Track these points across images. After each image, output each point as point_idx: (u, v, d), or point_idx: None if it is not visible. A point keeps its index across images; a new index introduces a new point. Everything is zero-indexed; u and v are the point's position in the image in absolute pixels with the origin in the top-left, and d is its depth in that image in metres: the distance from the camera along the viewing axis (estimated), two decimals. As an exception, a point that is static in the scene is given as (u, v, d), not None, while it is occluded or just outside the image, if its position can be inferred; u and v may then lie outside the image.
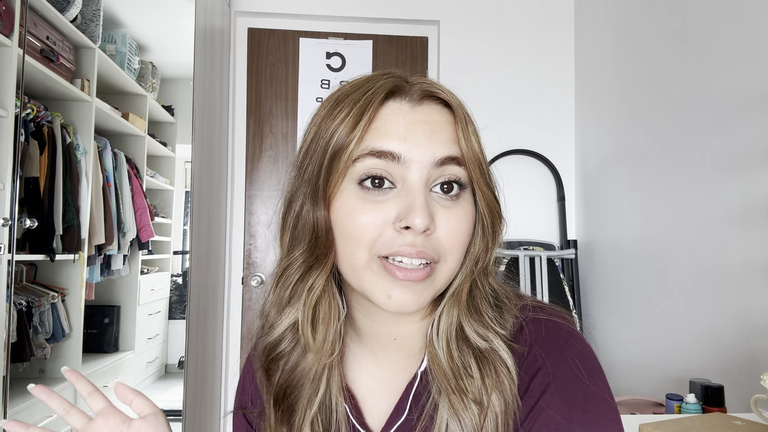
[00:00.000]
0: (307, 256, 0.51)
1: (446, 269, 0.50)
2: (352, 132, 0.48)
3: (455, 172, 0.49)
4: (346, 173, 0.49)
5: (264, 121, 2.23)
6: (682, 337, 1.49)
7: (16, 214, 1.97)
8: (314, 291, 0.52)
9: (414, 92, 0.51)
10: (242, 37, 2.25)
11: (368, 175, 0.48)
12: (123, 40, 3.20)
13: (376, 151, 0.48)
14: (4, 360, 1.90)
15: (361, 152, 0.48)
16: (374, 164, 0.48)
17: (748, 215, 1.26)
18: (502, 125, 2.23)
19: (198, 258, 1.91)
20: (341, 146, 0.48)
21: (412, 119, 0.49)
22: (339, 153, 0.48)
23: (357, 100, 0.49)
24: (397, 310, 0.48)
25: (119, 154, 3.20)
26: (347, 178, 0.49)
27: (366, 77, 0.52)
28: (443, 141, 0.49)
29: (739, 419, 0.94)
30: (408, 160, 0.48)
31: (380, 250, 0.48)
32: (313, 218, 0.50)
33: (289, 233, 0.53)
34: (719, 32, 1.38)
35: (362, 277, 0.49)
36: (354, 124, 0.48)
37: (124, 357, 3.31)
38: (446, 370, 0.51)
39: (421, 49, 2.30)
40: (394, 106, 0.50)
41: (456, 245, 0.50)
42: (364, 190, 0.48)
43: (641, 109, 1.75)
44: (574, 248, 2.16)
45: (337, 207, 0.49)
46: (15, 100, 2.00)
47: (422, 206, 0.46)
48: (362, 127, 0.48)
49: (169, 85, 4.17)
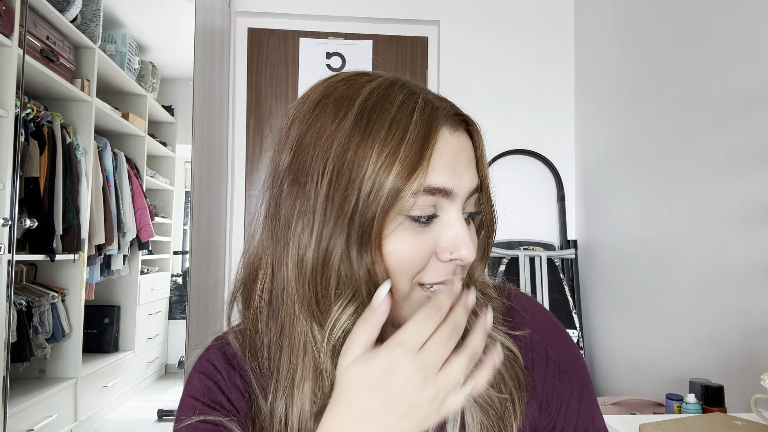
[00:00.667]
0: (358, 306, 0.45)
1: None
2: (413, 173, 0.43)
3: (473, 201, 0.50)
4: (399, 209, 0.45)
5: (264, 121, 2.23)
6: (682, 337, 1.49)
7: (16, 214, 1.96)
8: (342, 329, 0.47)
9: (452, 116, 0.48)
10: (242, 37, 2.25)
11: (424, 214, 0.45)
12: (123, 40, 3.21)
13: (431, 189, 0.44)
14: (4, 360, 1.90)
15: (417, 189, 0.44)
16: (428, 201, 0.45)
17: (748, 215, 1.26)
18: (502, 125, 2.24)
19: (198, 258, 1.91)
20: (400, 187, 0.43)
21: (455, 147, 0.47)
22: (399, 194, 0.43)
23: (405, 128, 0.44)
24: None
25: (119, 154, 3.21)
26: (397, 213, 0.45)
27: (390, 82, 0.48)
28: (473, 171, 0.48)
29: (739, 419, 0.95)
30: (455, 195, 0.46)
31: (423, 278, 0.47)
32: (366, 262, 0.44)
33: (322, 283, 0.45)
34: (719, 32, 1.38)
35: (400, 307, 0.48)
36: (414, 165, 0.43)
37: (124, 357, 3.32)
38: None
39: (421, 49, 2.30)
40: (446, 137, 0.47)
41: (471, 264, 0.51)
42: (414, 223, 0.45)
43: (641, 109, 1.75)
44: (574, 248, 2.16)
45: (388, 243, 0.45)
46: (15, 100, 2.00)
47: (469, 239, 0.46)
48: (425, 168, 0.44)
49: (169, 85, 4.17)
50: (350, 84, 0.48)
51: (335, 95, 0.47)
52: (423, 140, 0.44)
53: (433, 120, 0.46)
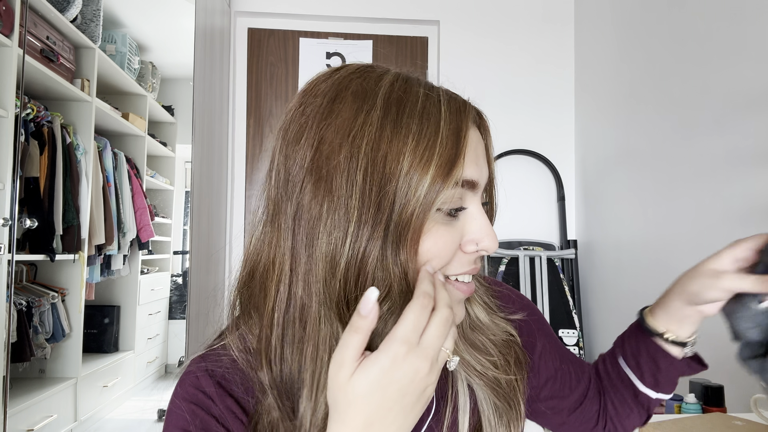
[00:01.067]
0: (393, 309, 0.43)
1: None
2: (449, 176, 0.42)
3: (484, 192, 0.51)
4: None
5: (264, 121, 2.23)
6: (682, 337, 1.49)
7: (16, 214, 1.96)
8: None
9: (472, 109, 0.49)
10: (242, 37, 2.25)
11: (454, 207, 0.45)
12: (123, 40, 3.20)
13: (464, 182, 0.45)
14: (4, 360, 1.90)
15: (461, 183, 0.45)
16: (457, 194, 0.44)
17: (748, 215, 1.26)
18: (502, 125, 2.23)
19: (198, 258, 1.90)
20: (439, 186, 0.42)
21: (475, 141, 0.47)
22: (439, 192, 0.42)
23: (436, 127, 0.43)
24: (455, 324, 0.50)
25: (119, 154, 3.21)
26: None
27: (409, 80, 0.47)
28: (487, 162, 0.50)
29: (739, 419, 0.95)
30: (479, 186, 0.47)
31: (447, 270, 0.47)
32: (401, 264, 0.43)
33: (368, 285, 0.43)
34: (719, 32, 1.38)
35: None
36: (450, 168, 0.43)
37: (124, 357, 3.31)
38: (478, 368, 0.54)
39: (421, 49, 2.30)
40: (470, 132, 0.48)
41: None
42: (445, 217, 0.45)
43: (641, 109, 1.75)
44: (574, 248, 2.16)
45: (431, 243, 0.44)
46: (15, 100, 2.00)
47: (492, 231, 0.48)
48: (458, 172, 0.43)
49: (169, 85, 4.17)
50: (365, 77, 0.46)
51: (353, 88, 0.45)
52: (456, 134, 0.44)
53: (462, 113, 0.45)
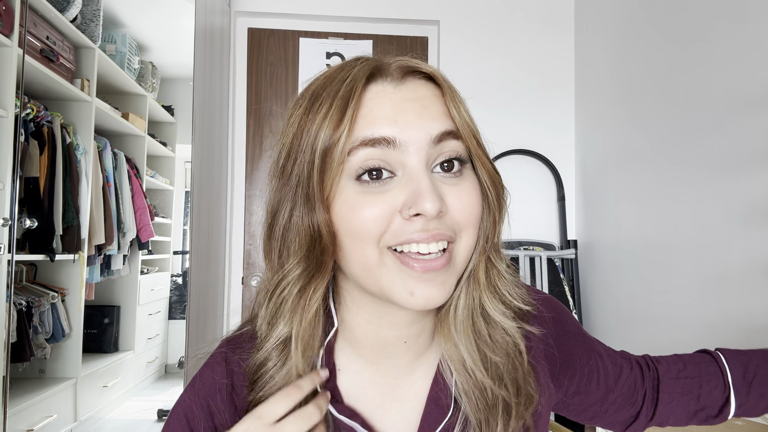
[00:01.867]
0: (307, 266, 0.47)
1: (463, 248, 0.48)
2: (340, 125, 0.44)
3: (454, 148, 0.47)
4: (342, 170, 0.45)
5: (264, 121, 2.23)
6: (682, 337, 1.49)
7: (16, 214, 1.96)
8: (314, 302, 0.49)
9: (394, 71, 0.48)
10: (242, 37, 2.25)
11: (365, 168, 0.45)
12: (123, 40, 3.20)
13: (368, 140, 0.44)
14: (4, 360, 1.90)
15: (353, 144, 0.45)
16: (369, 155, 0.45)
17: (748, 215, 1.26)
18: (502, 125, 2.24)
19: (198, 258, 1.90)
20: (331, 142, 0.44)
21: (399, 98, 0.46)
22: (330, 150, 0.44)
23: (337, 91, 0.45)
24: (423, 306, 0.45)
25: (119, 154, 3.21)
26: (344, 176, 0.45)
27: (338, 66, 0.49)
28: (435, 116, 0.46)
29: (740, 419, 0.94)
30: (404, 143, 0.45)
31: (389, 241, 0.45)
32: (308, 223, 0.46)
33: (278, 245, 0.49)
34: (719, 32, 1.38)
35: (378, 276, 0.46)
36: (340, 116, 0.44)
37: (124, 357, 3.31)
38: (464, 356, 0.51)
39: (421, 49, 2.30)
40: (377, 89, 0.47)
41: (471, 220, 0.47)
42: (363, 184, 0.45)
43: (641, 109, 1.75)
44: (574, 248, 2.16)
45: (338, 207, 0.46)
46: (15, 100, 2.00)
47: (430, 190, 0.44)
48: (350, 118, 0.44)
49: (169, 85, 4.17)
50: (319, 74, 0.50)
51: (304, 90, 0.50)
52: (348, 96, 0.45)
53: (361, 75, 0.46)
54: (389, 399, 0.54)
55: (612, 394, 0.60)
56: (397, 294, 0.46)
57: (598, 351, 0.62)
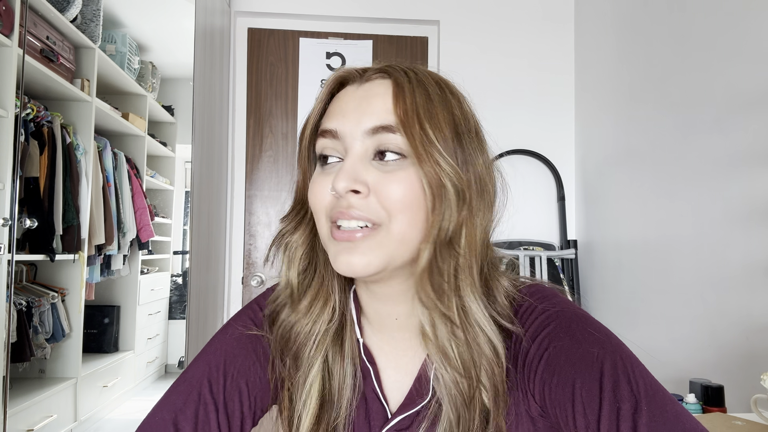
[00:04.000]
0: (294, 215, 0.59)
1: (396, 231, 0.49)
2: (313, 111, 0.56)
3: (389, 140, 0.50)
4: (311, 151, 0.57)
5: (264, 121, 2.23)
6: (682, 337, 1.49)
7: (16, 214, 1.96)
8: (295, 247, 0.58)
9: (365, 75, 0.55)
10: (242, 37, 2.25)
11: (320, 153, 0.54)
12: (123, 40, 3.21)
13: (322, 131, 0.54)
14: (4, 360, 1.90)
15: (320, 133, 0.54)
16: (324, 144, 0.53)
17: (748, 215, 1.26)
18: (502, 125, 2.23)
19: (198, 258, 1.90)
20: (305, 126, 0.57)
21: (357, 96, 0.53)
22: (303, 132, 0.57)
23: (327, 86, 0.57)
24: (345, 271, 0.50)
25: (119, 154, 3.21)
26: (313, 158, 0.57)
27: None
28: (376, 111, 0.51)
29: (739, 419, 0.95)
30: (342, 135, 0.52)
31: (330, 216, 0.52)
32: (298, 185, 0.58)
33: (293, 197, 0.60)
34: (719, 32, 1.38)
35: (327, 247, 0.54)
36: (315, 107, 0.56)
37: (124, 357, 3.32)
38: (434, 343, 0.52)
39: (421, 49, 2.30)
40: (348, 90, 0.55)
41: (396, 207, 0.49)
42: (322, 165, 0.54)
43: (641, 109, 1.75)
44: (574, 248, 2.16)
45: (309, 182, 0.56)
46: (15, 100, 2.00)
47: (344, 170, 0.50)
48: (317, 109, 0.56)
49: (169, 85, 4.17)
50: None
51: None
52: (325, 91, 0.56)
53: (335, 77, 0.56)
54: (391, 366, 0.59)
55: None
56: (333, 261, 0.52)
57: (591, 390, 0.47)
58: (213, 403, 0.55)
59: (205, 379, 0.56)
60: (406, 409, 0.56)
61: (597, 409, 0.44)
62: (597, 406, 0.44)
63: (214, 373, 0.57)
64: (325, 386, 0.57)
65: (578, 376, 0.46)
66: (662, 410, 0.42)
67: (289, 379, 0.58)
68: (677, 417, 0.41)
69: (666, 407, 0.42)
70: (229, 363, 0.58)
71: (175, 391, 0.56)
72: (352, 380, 0.58)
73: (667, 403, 0.42)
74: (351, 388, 0.57)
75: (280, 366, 0.58)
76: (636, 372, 0.45)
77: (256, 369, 0.59)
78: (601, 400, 0.44)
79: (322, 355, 0.57)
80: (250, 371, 0.58)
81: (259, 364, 0.59)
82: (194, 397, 0.55)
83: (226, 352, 0.59)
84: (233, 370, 0.57)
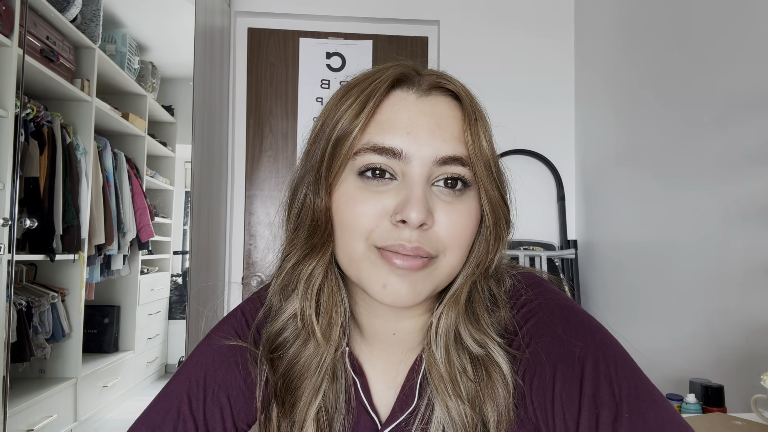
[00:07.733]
0: (305, 243, 0.51)
1: (446, 265, 0.48)
2: (355, 119, 0.47)
3: (458, 171, 0.47)
4: (347, 163, 0.48)
5: (264, 121, 2.23)
6: (682, 337, 1.49)
7: (16, 214, 1.96)
8: (314, 279, 0.51)
9: (423, 83, 0.49)
10: (242, 37, 2.25)
11: (368, 167, 0.47)
12: (123, 40, 3.21)
13: (378, 148, 0.47)
14: (4, 360, 1.90)
15: (363, 146, 0.47)
16: (375, 159, 0.47)
17: (748, 215, 1.26)
18: (502, 125, 2.23)
19: (198, 258, 1.91)
20: (344, 134, 0.47)
21: (417, 111, 0.48)
22: (342, 140, 0.47)
23: (364, 89, 0.48)
24: (392, 302, 0.47)
25: (119, 154, 3.21)
26: (348, 169, 0.48)
27: (378, 66, 0.51)
28: (448, 138, 0.47)
29: (739, 419, 0.95)
30: (409, 157, 0.46)
31: (377, 242, 0.47)
32: (313, 205, 0.49)
33: (293, 221, 0.52)
34: (719, 32, 1.38)
35: (359, 268, 0.48)
36: (358, 111, 0.47)
37: (124, 357, 3.32)
38: (443, 375, 0.50)
39: (421, 49, 2.30)
40: (400, 96, 0.49)
41: (456, 241, 0.48)
42: (364, 179, 0.47)
43: (641, 109, 1.75)
44: (574, 248, 2.16)
45: (338, 196, 0.48)
46: (15, 100, 2.00)
47: (419, 200, 0.45)
48: (366, 115, 0.47)
49: (169, 85, 4.17)
50: (363, 72, 0.53)
51: (346, 83, 0.53)
52: (370, 94, 0.48)
53: (390, 77, 0.48)
54: (380, 379, 0.57)
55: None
56: (372, 286, 0.47)
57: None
58: (192, 421, 0.54)
59: (185, 395, 0.54)
60: (395, 419, 0.55)
61: (576, 414, 0.42)
62: (576, 411, 0.42)
63: (194, 388, 0.55)
64: (321, 416, 0.54)
65: (558, 378, 0.45)
66: (644, 417, 0.40)
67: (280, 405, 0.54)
68: (660, 425, 0.40)
69: (648, 414, 0.40)
70: (209, 377, 0.56)
71: (154, 408, 0.54)
72: (346, 403, 0.55)
73: (651, 408, 0.41)
74: (346, 409, 0.55)
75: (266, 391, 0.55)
76: (620, 373, 0.43)
77: (239, 383, 0.56)
78: (580, 405, 0.42)
79: (326, 381, 0.54)
80: (232, 385, 0.56)
81: (241, 378, 0.56)
82: (173, 414, 0.53)
83: (206, 366, 0.56)
84: (214, 384, 0.55)
